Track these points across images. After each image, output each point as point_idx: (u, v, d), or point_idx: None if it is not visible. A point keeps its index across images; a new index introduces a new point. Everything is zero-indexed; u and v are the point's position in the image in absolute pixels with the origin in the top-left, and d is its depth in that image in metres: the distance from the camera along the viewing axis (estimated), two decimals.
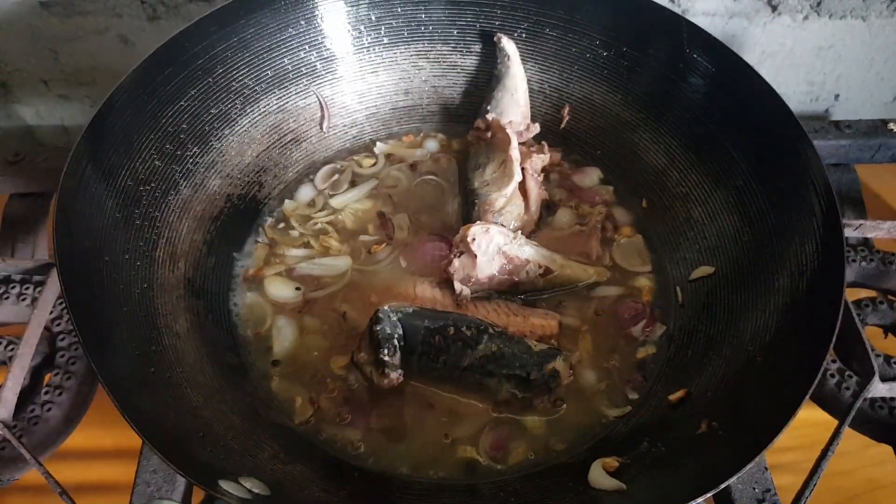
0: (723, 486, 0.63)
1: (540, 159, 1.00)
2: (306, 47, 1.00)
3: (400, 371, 0.80)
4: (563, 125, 1.08)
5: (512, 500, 0.77)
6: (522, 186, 0.97)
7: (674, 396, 0.81)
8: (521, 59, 1.06)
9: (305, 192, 1.03)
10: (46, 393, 0.84)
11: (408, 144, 1.10)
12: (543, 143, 1.02)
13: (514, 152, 0.96)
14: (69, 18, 1.13)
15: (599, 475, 0.75)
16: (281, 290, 0.92)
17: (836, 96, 1.36)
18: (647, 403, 0.84)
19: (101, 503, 0.83)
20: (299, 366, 0.86)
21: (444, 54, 1.07)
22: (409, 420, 0.82)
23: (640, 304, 0.92)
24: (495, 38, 1.03)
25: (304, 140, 1.05)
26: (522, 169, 0.96)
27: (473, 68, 1.08)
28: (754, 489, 0.79)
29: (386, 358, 0.79)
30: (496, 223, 0.92)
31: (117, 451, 0.85)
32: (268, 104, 1.00)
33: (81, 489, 0.81)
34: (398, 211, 1.01)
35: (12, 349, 0.87)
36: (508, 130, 0.97)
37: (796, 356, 0.73)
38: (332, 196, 1.02)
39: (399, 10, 1.03)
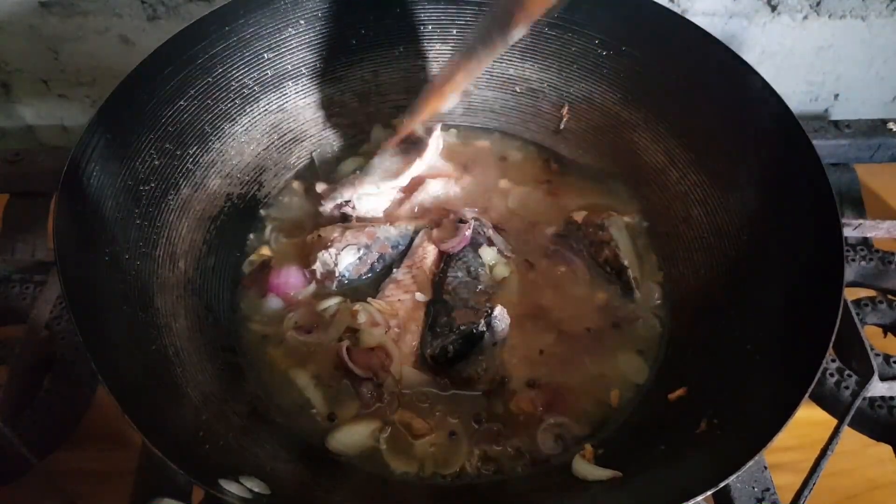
0: (722, 484, 0.63)
1: (437, 185, 1.00)
2: (306, 47, 1.00)
3: None
4: (562, 124, 1.08)
5: (511, 500, 0.77)
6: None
7: (673, 395, 0.81)
8: (521, 59, 1.06)
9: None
10: (47, 392, 0.84)
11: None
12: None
13: (418, 164, 0.98)
14: (69, 18, 1.13)
15: (586, 467, 0.76)
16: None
17: (836, 96, 1.36)
18: (646, 402, 0.84)
19: (101, 502, 0.83)
20: None
21: (444, 54, 1.07)
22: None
23: None
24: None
25: (304, 140, 1.05)
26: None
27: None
28: (753, 488, 0.80)
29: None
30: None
31: (117, 450, 0.85)
32: (268, 104, 1.00)
33: (81, 488, 0.82)
34: None
35: (12, 349, 0.87)
36: (431, 144, 1.00)
37: (796, 355, 0.73)
38: None
39: (399, 10, 1.03)
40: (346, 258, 0.91)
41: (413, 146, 1.02)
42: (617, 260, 0.94)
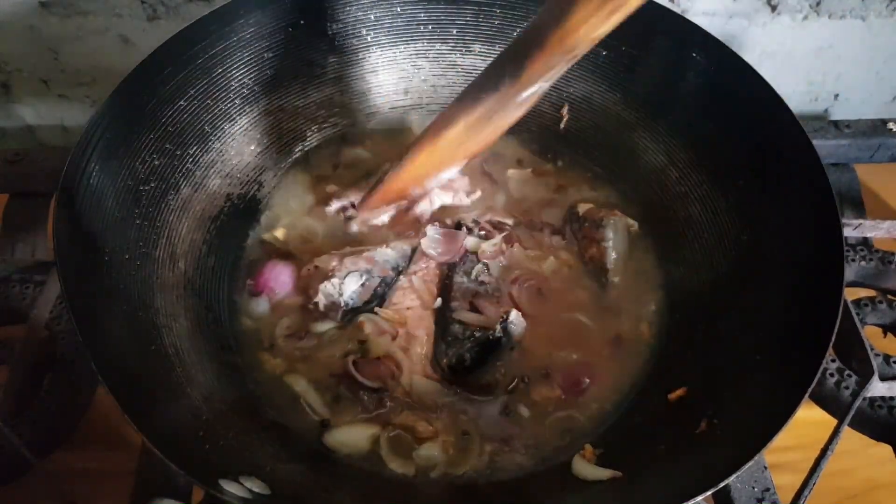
0: (722, 484, 0.63)
1: (443, 197, 0.98)
2: (305, 47, 1.00)
3: None
4: (562, 125, 1.08)
5: (511, 500, 0.77)
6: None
7: (673, 395, 0.81)
8: None
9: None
10: (46, 393, 0.84)
11: None
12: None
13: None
14: (69, 18, 1.13)
15: (585, 467, 0.76)
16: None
17: (836, 96, 1.36)
18: (646, 402, 0.84)
19: (101, 502, 0.83)
20: None
21: (444, 54, 1.07)
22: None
23: None
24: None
25: (304, 139, 1.05)
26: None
27: (473, 68, 1.08)
28: (753, 488, 0.80)
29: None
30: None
31: (117, 450, 0.85)
32: (268, 104, 1.00)
33: (81, 488, 0.81)
34: None
35: (12, 349, 0.87)
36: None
37: (796, 355, 0.73)
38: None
39: (399, 9, 1.03)
40: (349, 286, 0.88)
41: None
42: (602, 260, 0.94)
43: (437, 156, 0.85)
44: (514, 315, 0.85)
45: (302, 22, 0.99)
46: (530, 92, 0.71)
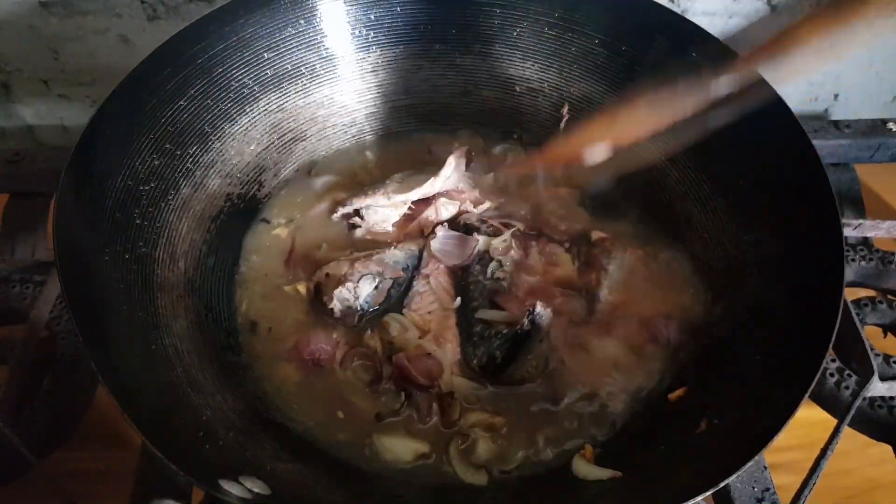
0: (722, 484, 0.63)
1: (450, 207, 0.98)
2: (305, 47, 1.00)
3: None
4: (562, 125, 1.08)
5: (512, 501, 0.77)
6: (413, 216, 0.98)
7: (673, 395, 0.81)
8: (522, 59, 1.06)
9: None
10: (47, 393, 0.84)
11: None
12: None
13: (431, 183, 0.96)
14: (69, 18, 1.13)
15: (585, 467, 0.76)
16: None
17: (836, 96, 1.35)
18: (646, 402, 0.84)
19: (101, 502, 0.83)
20: None
21: (444, 53, 1.07)
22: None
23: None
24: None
25: (304, 139, 1.05)
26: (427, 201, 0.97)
27: (473, 68, 1.08)
28: (753, 488, 0.80)
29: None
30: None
31: (117, 450, 0.85)
32: (267, 103, 1.00)
33: (81, 488, 0.82)
34: None
35: (12, 349, 0.87)
36: (448, 164, 0.97)
37: (796, 355, 0.73)
38: None
39: (399, 9, 1.03)
40: (364, 289, 0.88)
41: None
42: (595, 289, 0.92)
43: None
44: (540, 306, 0.84)
45: (301, 22, 0.99)
46: None
